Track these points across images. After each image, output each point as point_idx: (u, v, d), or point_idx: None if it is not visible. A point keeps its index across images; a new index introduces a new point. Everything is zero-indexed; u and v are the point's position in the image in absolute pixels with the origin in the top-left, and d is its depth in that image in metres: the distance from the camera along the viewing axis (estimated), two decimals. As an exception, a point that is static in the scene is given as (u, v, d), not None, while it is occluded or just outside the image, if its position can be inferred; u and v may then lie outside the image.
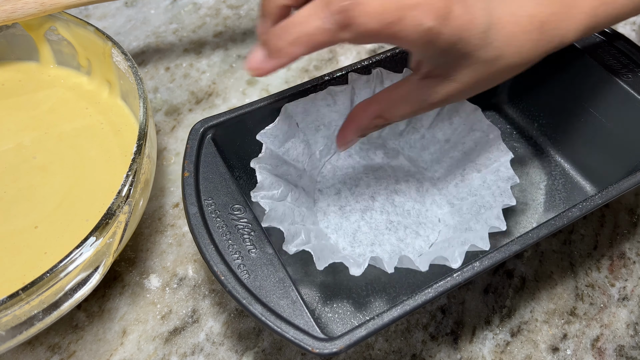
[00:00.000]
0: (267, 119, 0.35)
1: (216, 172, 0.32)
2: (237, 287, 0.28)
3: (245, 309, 0.27)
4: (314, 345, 0.26)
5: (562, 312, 0.37)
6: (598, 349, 0.35)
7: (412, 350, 0.35)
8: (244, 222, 0.30)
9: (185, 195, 0.31)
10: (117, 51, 0.37)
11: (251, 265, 0.28)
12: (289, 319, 0.27)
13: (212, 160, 0.32)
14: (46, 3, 0.37)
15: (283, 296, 0.28)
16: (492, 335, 0.36)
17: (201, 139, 0.33)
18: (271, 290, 0.28)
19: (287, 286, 0.28)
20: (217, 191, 0.31)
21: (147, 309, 0.36)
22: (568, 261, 0.39)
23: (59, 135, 0.38)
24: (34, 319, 0.28)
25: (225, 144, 0.34)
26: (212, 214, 0.30)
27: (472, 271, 0.28)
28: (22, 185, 0.36)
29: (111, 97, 0.40)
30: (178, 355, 0.34)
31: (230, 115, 0.34)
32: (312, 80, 0.36)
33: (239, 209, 0.31)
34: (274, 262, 0.29)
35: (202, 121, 0.33)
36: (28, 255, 0.32)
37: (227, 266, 0.28)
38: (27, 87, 0.41)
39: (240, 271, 0.28)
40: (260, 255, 0.29)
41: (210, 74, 0.48)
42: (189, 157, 0.32)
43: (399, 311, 0.27)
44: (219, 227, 0.30)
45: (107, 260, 0.31)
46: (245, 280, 0.28)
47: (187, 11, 0.53)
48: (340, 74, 0.37)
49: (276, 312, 0.27)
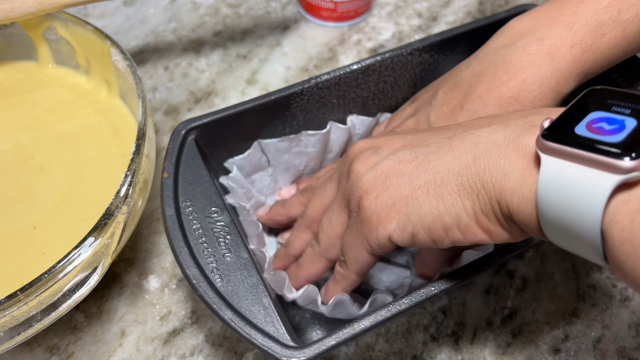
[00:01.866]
0: (252, 121, 0.35)
1: (196, 174, 0.32)
2: (209, 291, 0.27)
3: (215, 313, 0.27)
4: (281, 353, 0.26)
5: (563, 312, 0.36)
6: (600, 350, 0.35)
7: (413, 352, 0.35)
8: (221, 225, 0.30)
9: (162, 197, 0.30)
10: (116, 50, 0.37)
11: (225, 270, 0.28)
12: (259, 325, 0.26)
13: (193, 162, 0.32)
14: (44, 2, 0.37)
15: (255, 302, 0.27)
16: (494, 336, 0.35)
17: (183, 140, 0.33)
18: (243, 296, 0.27)
19: (259, 292, 0.28)
20: (197, 193, 0.31)
21: (146, 310, 0.35)
22: (570, 262, 0.38)
23: (58, 135, 0.38)
24: (32, 320, 0.28)
25: (209, 145, 0.34)
26: (189, 216, 0.30)
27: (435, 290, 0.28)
28: (20, 186, 0.36)
29: (110, 97, 0.40)
30: (177, 356, 0.34)
31: (215, 116, 0.34)
32: (296, 84, 0.36)
33: (216, 211, 0.30)
34: (249, 267, 0.28)
35: (185, 122, 0.33)
36: (26, 256, 0.32)
37: (200, 270, 0.28)
38: (26, 87, 0.41)
39: (214, 275, 0.28)
40: (235, 259, 0.29)
41: (209, 73, 0.48)
42: (169, 158, 0.32)
43: (370, 321, 0.27)
44: (195, 230, 0.29)
45: (106, 260, 0.30)
46: (217, 284, 0.28)
47: (186, 10, 0.53)
48: (337, 73, 0.36)
49: (246, 318, 0.27)
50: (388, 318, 0.27)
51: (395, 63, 0.38)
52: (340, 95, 0.38)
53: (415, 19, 0.53)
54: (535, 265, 0.38)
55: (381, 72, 0.38)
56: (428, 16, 0.53)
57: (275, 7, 0.53)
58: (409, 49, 0.38)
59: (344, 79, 0.37)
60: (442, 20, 0.53)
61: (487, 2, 0.54)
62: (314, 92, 0.36)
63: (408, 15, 0.53)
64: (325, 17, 0.51)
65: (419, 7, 0.54)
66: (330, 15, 0.51)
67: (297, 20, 0.52)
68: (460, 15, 0.53)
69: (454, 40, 0.39)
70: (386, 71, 0.38)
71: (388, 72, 0.38)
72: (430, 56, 0.39)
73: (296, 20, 0.52)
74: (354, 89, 0.38)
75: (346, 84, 0.37)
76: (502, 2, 0.55)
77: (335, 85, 0.37)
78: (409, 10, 0.54)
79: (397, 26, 0.52)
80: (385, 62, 0.38)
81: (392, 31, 0.52)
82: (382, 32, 0.52)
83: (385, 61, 0.38)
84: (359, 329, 0.26)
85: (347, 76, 0.37)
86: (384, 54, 0.38)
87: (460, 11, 0.54)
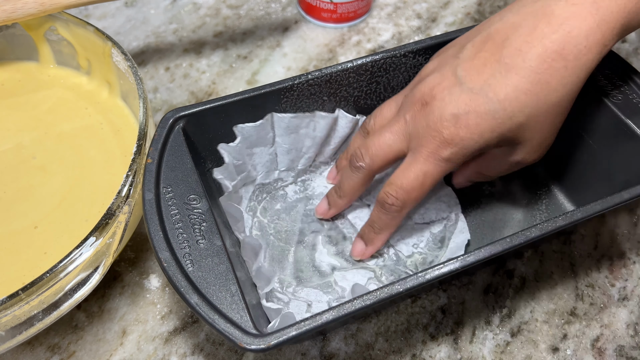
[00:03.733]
0: (241, 113, 0.35)
1: (180, 162, 0.32)
2: (178, 275, 0.28)
3: (182, 297, 0.27)
4: (242, 340, 0.26)
5: (562, 312, 0.37)
6: (598, 349, 0.35)
7: (412, 350, 0.35)
8: (198, 212, 0.30)
9: (144, 181, 0.31)
10: (117, 51, 0.37)
11: (197, 256, 0.29)
12: (224, 312, 0.27)
13: (178, 149, 0.32)
14: (46, 3, 0.37)
15: (222, 289, 0.28)
16: (492, 335, 0.36)
17: (170, 128, 0.33)
18: (212, 282, 0.28)
19: (229, 279, 0.28)
20: (178, 180, 0.31)
21: (147, 309, 0.36)
22: (568, 261, 0.39)
23: (59, 136, 0.38)
24: (33, 319, 0.28)
25: (197, 135, 0.34)
26: (168, 201, 0.30)
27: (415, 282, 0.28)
28: (21, 186, 0.36)
29: (111, 97, 0.40)
30: (178, 355, 0.34)
31: (204, 106, 0.34)
32: (287, 79, 0.36)
33: (195, 199, 0.31)
34: (220, 254, 0.29)
35: (174, 110, 0.33)
36: (28, 256, 0.32)
37: (172, 254, 0.28)
38: (27, 87, 0.41)
39: (185, 260, 0.28)
40: (207, 246, 0.29)
41: (210, 74, 0.48)
42: (155, 145, 0.32)
43: (333, 314, 0.27)
44: (172, 216, 0.30)
45: (107, 260, 0.30)
46: (188, 269, 0.28)
47: (187, 11, 0.53)
48: (329, 71, 0.36)
49: (212, 304, 0.27)
50: (351, 312, 0.27)
51: (389, 64, 0.38)
52: (331, 92, 0.38)
53: (415, 20, 0.53)
54: (534, 265, 0.38)
55: (373, 73, 0.38)
56: (427, 17, 0.53)
57: (275, 8, 0.53)
58: (403, 51, 0.38)
59: (336, 77, 0.37)
60: (442, 21, 0.53)
61: (486, 3, 0.55)
62: (304, 88, 0.36)
63: (407, 16, 0.53)
64: (325, 18, 0.51)
65: (419, 8, 0.54)
66: (330, 16, 0.51)
67: (297, 21, 0.52)
68: (460, 16, 0.53)
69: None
70: (379, 72, 0.38)
71: (381, 73, 0.38)
72: (424, 59, 0.39)
73: (296, 21, 0.52)
74: (346, 87, 0.38)
75: (337, 82, 0.37)
76: (501, 2, 0.55)
77: (326, 82, 0.37)
78: (408, 12, 0.54)
79: (397, 27, 0.52)
80: (378, 62, 0.38)
81: (392, 32, 0.52)
82: (382, 33, 0.52)
83: (378, 62, 0.38)
84: (320, 321, 0.26)
85: (338, 74, 0.37)
86: (376, 54, 0.38)
87: (460, 12, 0.54)
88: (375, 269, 0.37)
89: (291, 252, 0.37)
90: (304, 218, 0.39)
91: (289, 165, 0.39)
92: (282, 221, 0.38)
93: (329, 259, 0.37)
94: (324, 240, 0.38)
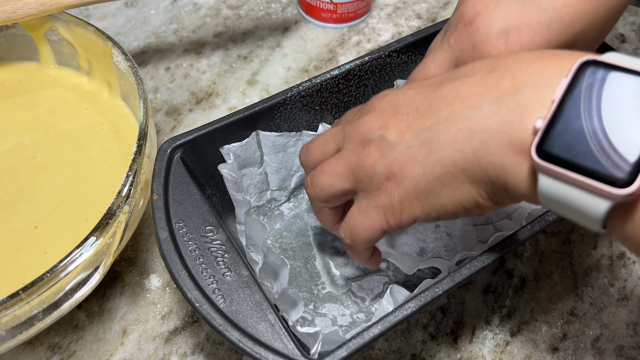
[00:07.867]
0: (237, 133, 0.34)
1: (187, 192, 0.31)
2: (213, 313, 0.27)
3: (222, 335, 0.26)
4: None
5: (561, 312, 0.37)
6: (598, 349, 0.35)
7: (412, 350, 0.35)
8: (217, 244, 0.29)
9: (155, 220, 0.29)
10: (117, 51, 0.37)
11: (227, 290, 0.28)
12: (268, 343, 0.26)
13: (182, 180, 0.31)
14: (46, 3, 0.37)
15: (261, 320, 0.27)
16: (492, 335, 0.36)
17: (170, 159, 0.32)
18: (248, 315, 0.27)
19: (264, 309, 0.27)
20: (189, 213, 0.30)
21: (147, 309, 0.36)
22: (568, 261, 0.39)
23: (59, 136, 0.38)
24: (34, 319, 0.28)
25: (194, 162, 0.33)
26: (183, 237, 0.29)
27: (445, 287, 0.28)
28: (22, 186, 0.36)
29: (111, 97, 0.40)
30: (178, 355, 0.34)
31: (199, 132, 0.33)
32: (278, 94, 0.36)
33: (211, 230, 0.30)
34: (250, 285, 0.28)
35: (170, 140, 0.32)
36: (28, 255, 0.33)
37: (201, 292, 0.27)
38: (27, 87, 0.41)
39: (216, 296, 0.27)
40: (235, 278, 0.28)
41: (210, 74, 0.48)
42: (157, 179, 0.31)
43: (379, 328, 0.26)
44: (191, 251, 0.29)
45: (107, 260, 0.31)
46: (220, 305, 0.27)
47: (187, 11, 0.53)
48: (318, 80, 0.36)
49: (254, 337, 0.26)
50: (395, 324, 0.27)
51: (375, 66, 0.38)
52: (322, 101, 0.37)
53: (415, 20, 0.53)
54: (534, 265, 0.38)
55: (361, 76, 0.38)
56: (427, 17, 0.53)
57: (275, 9, 0.53)
58: (387, 51, 0.38)
59: (326, 85, 0.37)
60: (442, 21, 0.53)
61: (487, 3, 0.55)
62: (297, 101, 0.36)
63: (407, 16, 0.53)
64: (325, 18, 0.51)
65: (418, 8, 0.54)
66: (330, 16, 0.51)
67: (297, 22, 0.52)
68: (460, 16, 0.53)
69: (430, 40, 0.39)
70: (366, 74, 0.38)
71: (368, 76, 0.38)
72: (407, 57, 0.39)
73: (296, 22, 0.52)
74: (336, 94, 0.38)
75: (328, 90, 0.37)
76: (501, 3, 0.55)
77: (317, 92, 0.37)
78: (408, 12, 0.54)
79: (397, 27, 0.52)
80: (365, 65, 0.38)
81: (392, 32, 0.52)
82: (382, 33, 0.52)
83: (364, 65, 0.38)
84: (368, 338, 0.26)
85: (328, 82, 0.37)
86: (362, 57, 0.38)
87: (460, 12, 0.54)
88: (389, 273, 0.37)
89: (303, 269, 0.37)
90: (306, 232, 0.38)
91: (280, 185, 0.39)
92: (286, 239, 0.38)
93: (340, 270, 0.37)
94: (331, 252, 0.37)
